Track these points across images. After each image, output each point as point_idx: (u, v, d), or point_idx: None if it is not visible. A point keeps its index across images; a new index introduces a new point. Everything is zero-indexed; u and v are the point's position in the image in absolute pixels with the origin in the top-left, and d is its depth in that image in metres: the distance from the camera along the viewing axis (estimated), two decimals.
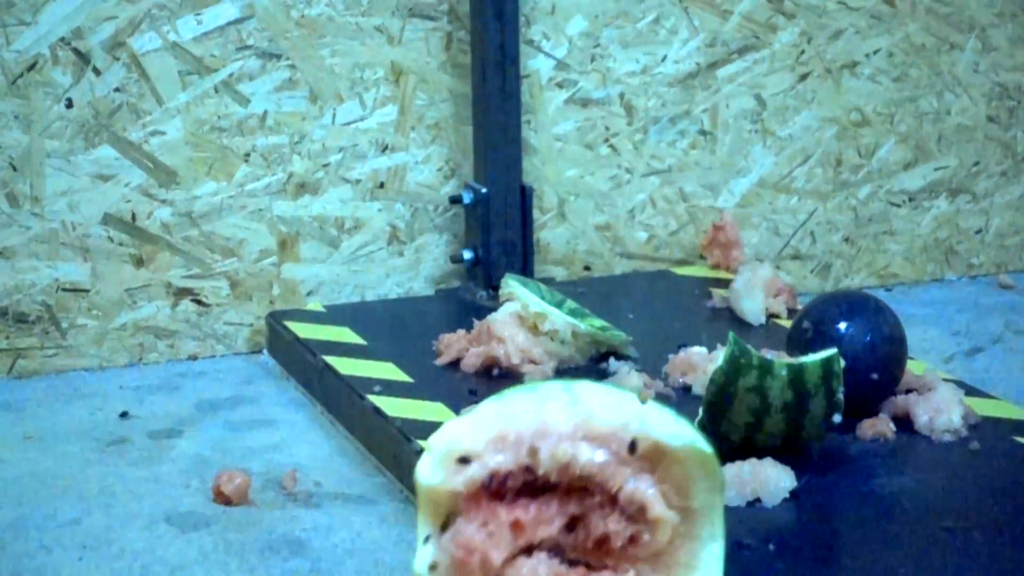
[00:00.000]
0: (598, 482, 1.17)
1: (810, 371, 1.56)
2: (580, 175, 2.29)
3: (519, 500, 1.18)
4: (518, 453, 1.17)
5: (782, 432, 1.58)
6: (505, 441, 1.18)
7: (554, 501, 1.18)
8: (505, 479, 1.17)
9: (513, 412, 1.18)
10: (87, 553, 1.57)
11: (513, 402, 1.19)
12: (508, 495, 1.18)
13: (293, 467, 1.75)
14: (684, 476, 1.18)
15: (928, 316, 2.30)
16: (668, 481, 1.18)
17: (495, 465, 1.17)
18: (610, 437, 1.17)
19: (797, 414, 1.57)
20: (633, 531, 1.17)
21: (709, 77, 2.31)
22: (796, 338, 1.72)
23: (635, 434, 1.17)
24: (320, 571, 1.53)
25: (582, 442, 1.17)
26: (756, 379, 1.56)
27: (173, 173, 2.10)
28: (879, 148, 2.41)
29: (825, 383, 1.57)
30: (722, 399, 1.57)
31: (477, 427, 1.19)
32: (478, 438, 1.19)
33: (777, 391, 1.56)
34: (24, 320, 2.07)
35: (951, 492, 1.55)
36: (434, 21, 2.19)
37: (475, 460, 1.18)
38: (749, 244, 2.35)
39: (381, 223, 2.20)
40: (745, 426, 1.58)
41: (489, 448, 1.18)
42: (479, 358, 1.87)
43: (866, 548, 1.42)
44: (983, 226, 2.49)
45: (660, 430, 1.17)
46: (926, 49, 2.41)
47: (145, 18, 2.06)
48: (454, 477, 1.18)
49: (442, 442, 1.20)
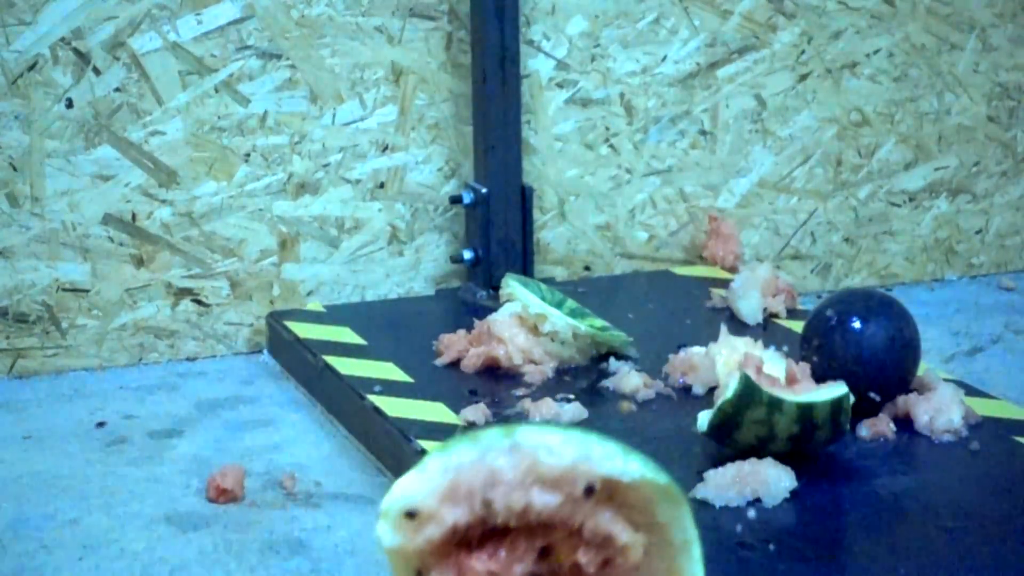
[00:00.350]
0: (559, 521, 1.16)
1: (819, 408, 1.56)
2: (580, 175, 2.29)
3: (487, 545, 1.17)
4: (472, 505, 1.15)
5: (786, 453, 1.58)
6: (457, 494, 1.16)
7: (520, 539, 1.17)
8: (466, 530, 1.16)
9: (459, 463, 1.17)
10: (87, 553, 1.57)
11: (456, 454, 1.17)
12: (473, 542, 1.17)
13: (293, 467, 1.75)
14: (643, 498, 1.17)
15: (928, 316, 2.30)
16: (628, 505, 1.17)
17: (452, 519, 1.16)
18: (560, 479, 1.16)
19: (802, 443, 1.58)
20: (604, 556, 1.17)
21: (709, 77, 2.31)
22: (818, 325, 1.72)
23: (586, 476, 1.15)
24: (320, 571, 1.53)
25: (533, 487, 1.16)
26: (765, 414, 1.55)
27: (173, 173, 2.10)
28: (879, 148, 2.41)
29: (832, 418, 1.57)
30: (728, 425, 1.58)
31: (426, 483, 1.18)
32: (430, 494, 1.17)
33: (784, 425, 1.56)
34: (24, 320, 2.07)
35: (951, 492, 1.55)
36: (434, 21, 2.19)
37: (432, 517, 1.17)
38: (749, 244, 2.35)
39: (381, 223, 2.20)
40: (751, 448, 1.58)
41: (444, 503, 1.16)
42: (479, 358, 1.87)
43: (866, 548, 1.42)
44: (983, 226, 2.48)
45: (609, 466, 1.16)
46: (926, 49, 2.41)
47: (145, 18, 2.06)
48: (415, 537, 1.17)
49: (395, 502, 1.18)
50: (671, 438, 1.68)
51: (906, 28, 2.39)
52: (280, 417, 1.93)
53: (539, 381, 1.84)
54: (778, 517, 1.50)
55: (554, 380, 1.85)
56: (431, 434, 1.69)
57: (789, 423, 1.55)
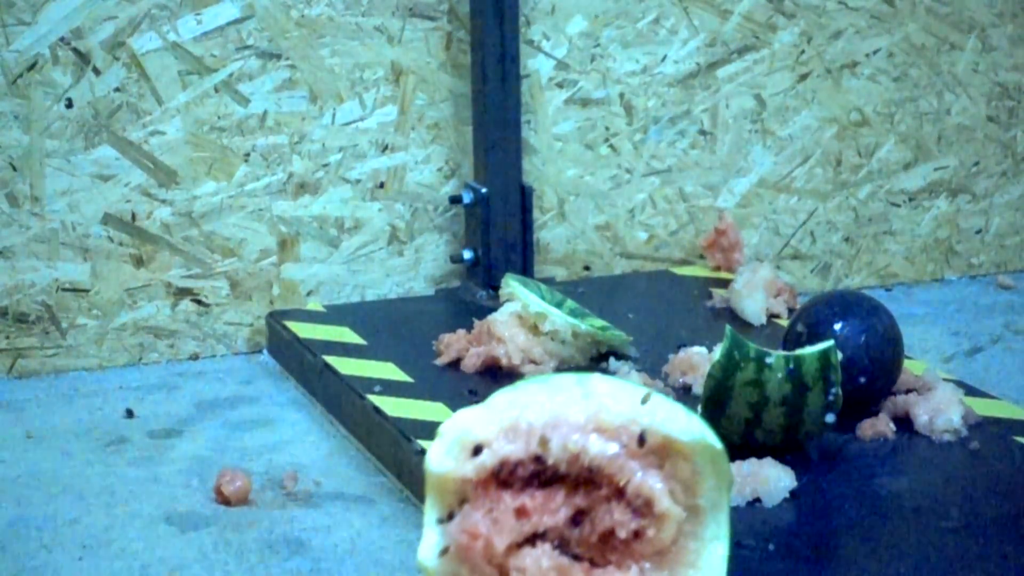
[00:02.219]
0: (606, 474, 1.17)
1: (808, 363, 1.57)
2: (580, 175, 2.29)
3: (527, 489, 1.18)
4: (529, 443, 1.18)
5: (781, 427, 1.58)
6: (516, 430, 1.18)
7: (560, 492, 1.19)
8: (515, 468, 1.18)
9: (526, 402, 1.19)
10: (87, 553, 1.57)
11: (526, 392, 1.20)
12: (516, 484, 1.18)
13: (293, 467, 1.75)
14: (692, 473, 1.18)
15: (928, 316, 2.30)
16: (676, 478, 1.18)
17: (505, 453, 1.18)
18: (621, 430, 1.18)
19: (796, 408, 1.57)
20: (638, 525, 1.18)
21: (709, 77, 2.31)
22: (792, 341, 1.72)
23: (645, 427, 1.17)
24: (320, 571, 1.53)
25: (593, 434, 1.18)
26: (754, 372, 1.56)
27: (173, 173, 2.10)
28: (879, 148, 2.41)
29: (823, 376, 1.57)
30: (720, 394, 1.58)
31: (489, 416, 1.20)
32: (490, 427, 1.20)
33: (775, 384, 1.56)
34: (24, 320, 2.07)
35: (951, 492, 1.55)
36: (434, 21, 2.19)
37: (486, 448, 1.18)
38: (749, 244, 2.35)
39: (381, 223, 2.20)
40: (744, 422, 1.58)
41: (500, 437, 1.18)
42: (479, 358, 1.87)
43: (866, 548, 1.42)
44: (983, 226, 2.48)
45: (670, 425, 1.18)
46: (926, 49, 2.41)
47: (145, 18, 2.06)
48: (464, 464, 1.19)
49: (454, 430, 1.21)
50: None
51: (906, 28, 2.39)
52: (280, 417, 1.93)
53: None
54: (777, 517, 1.50)
55: None
56: (431, 434, 1.68)
57: (780, 381, 1.55)
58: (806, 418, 1.58)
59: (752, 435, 1.59)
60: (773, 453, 1.58)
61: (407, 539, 1.59)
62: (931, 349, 2.15)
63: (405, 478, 1.69)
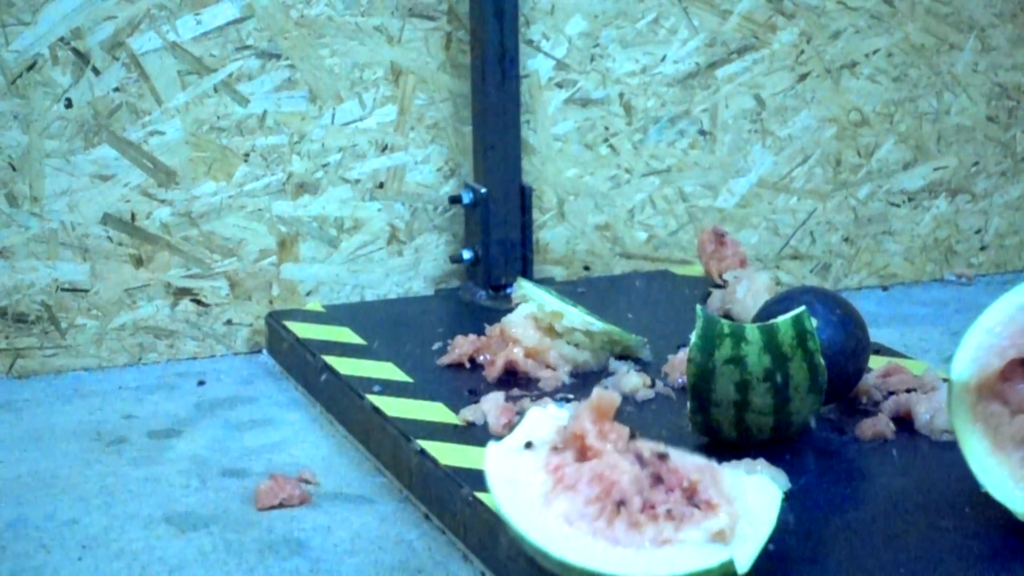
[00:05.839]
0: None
1: (782, 331, 1.57)
2: (580, 175, 2.29)
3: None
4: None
5: (770, 408, 1.57)
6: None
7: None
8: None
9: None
10: (87, 553, 1.57)
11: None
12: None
13: (292, 467, 1.75)
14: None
15: (928, 316, 2.30)
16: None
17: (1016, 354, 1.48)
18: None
19: (780, 383, 1.57)
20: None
21: (709, 77, 2.31)
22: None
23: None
24: (320, 571, 1.53)
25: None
26: (731, 348, 1.56)
27: (173, 173, 2.10)
28: (879, 148, 2.41)
29: (800, 343, 1.57)
30: (703, 378, 1.58)
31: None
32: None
33: (754, 357, 1.56)
34: (24, 320, 2.07)
35: (951, 492, 1.55)
36: (434, 21, 2.19)
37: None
38: (749, 244, 2.35)
39: (381, 223, 2.20)
40: (733, 406, 1.57)
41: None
42: (500, 365, 1.84)
43: (866, 548, 1.42)
44: (982, 226, 2.49)
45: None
46: (926, 49, 2.41)
47: (145, 18, 2.06)
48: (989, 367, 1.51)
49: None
50: (670, 438, 1.67)
51: (905, 28, 2.39)
52: (279, 417, 1.93)
53: (552, 385, 1.82)
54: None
55: (568, 384, 1.84)
56: (430, 434, 1.69)
57: (758, 353, 1.56)
58: (792, 395, 1.58)
59: (743, 421, 1.58)
60: (768, 445, 1.58)
61: (407, 539, 1.59)
62: (931, 349, 2.15)
63: (405, 478, 1.69)
